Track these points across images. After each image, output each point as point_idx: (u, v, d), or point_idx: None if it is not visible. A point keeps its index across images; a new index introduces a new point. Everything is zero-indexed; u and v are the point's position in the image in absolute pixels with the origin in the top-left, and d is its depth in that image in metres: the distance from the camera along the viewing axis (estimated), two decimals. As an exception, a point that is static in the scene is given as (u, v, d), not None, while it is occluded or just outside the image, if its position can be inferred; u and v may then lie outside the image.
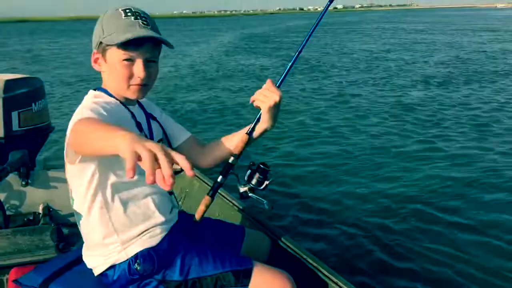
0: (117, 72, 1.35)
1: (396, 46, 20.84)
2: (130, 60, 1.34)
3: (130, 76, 1.36)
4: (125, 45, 1.31)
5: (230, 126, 7.04)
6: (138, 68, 1.35)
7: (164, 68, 13.89)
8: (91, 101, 1.35)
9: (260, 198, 1.56)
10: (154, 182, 0.81)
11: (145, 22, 1.34)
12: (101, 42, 1.35)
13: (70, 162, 1.32)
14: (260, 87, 1.45)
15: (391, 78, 11.74)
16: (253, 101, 1.46)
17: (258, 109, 1.47)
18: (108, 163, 1.33)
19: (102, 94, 1.41)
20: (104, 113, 1.26)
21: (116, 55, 1.33)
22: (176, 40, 28.81)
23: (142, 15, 1.36)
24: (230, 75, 13.00)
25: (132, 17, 1.34)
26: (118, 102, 1.41)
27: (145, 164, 0.81)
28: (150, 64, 1.38)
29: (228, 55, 18.77)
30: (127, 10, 1.35)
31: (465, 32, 28.70)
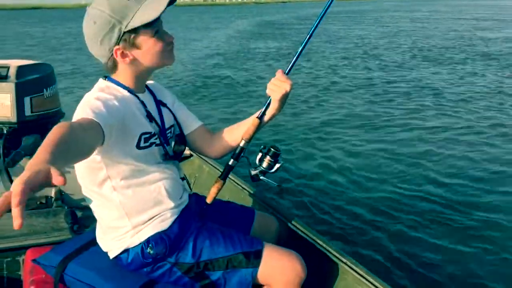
0: (155, 48, 1.36)
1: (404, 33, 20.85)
2: (157, 31, 1.36)
3: (166, 44, 1.38)
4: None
5: (245, 103, 7.43)
6: (166, 34, 1.39)
7: (186, 52, 14.92)
8: (95, 96, 1.31)
9: (271, 181, 1.59)
10: None
11: None
12: (124, 33, 1.31)
13: None
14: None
15: (406, 63, 11.76)
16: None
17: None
18: (116, 150, 1.33)
19: (111, 84, 1.40)
20: (104, 110, 1.24)
21: (147, 35, 1.33)
22: (196, 26, 30.13)
23: None
24: (250, 57, 13.63)
25: None
26: (126, 91, 1.41)
27: None
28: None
29: (245, 40, 19.54)
30: None
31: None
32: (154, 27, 1.34)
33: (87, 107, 1.23)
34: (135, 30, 1.32)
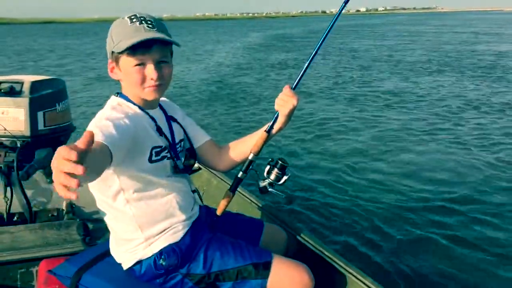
0: (131, 77, 1.40)
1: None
2: (142, 64, 1.38)
3: (144, 79, 1.40)
4: (133, 50, 1.35)
5: (254, 114, 7.65)
6: (150, 71, 1.38)
7: (200, 62, 15.92)
8: (106, 115, 1.35)
9: (279, 193, 1.62)
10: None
11: (150, 26, 1.37)
12: (112, 52, 1.40)
13: None
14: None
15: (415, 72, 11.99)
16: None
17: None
18: (129, 164, 1.37)
19: (123, 101, 1.46)
20: (114, 132, 1.26)
21: (127, 62, 1.38)
22: (209, 38, 32.30)
23: (147, 19, 1.39)
24: (261, 69, 14.26)
25: (137, 23, 1.37)
26: (137, 108, 1.46)
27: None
28: (161, 65, 1.41)
29: (257, 52, 20.60)
30: (132, 17, 1.39)
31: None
32: (137, 57, 1.37)
33: (97, 128, 1.26)
34: (121, 53, 1.38)
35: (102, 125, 1.28)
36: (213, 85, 11.04)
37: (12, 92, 2.52)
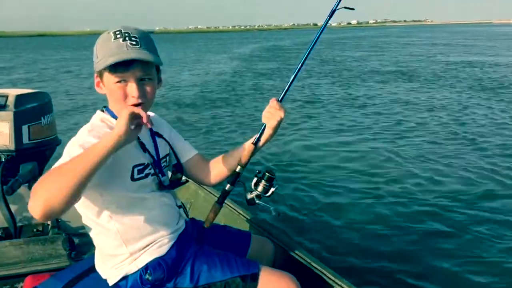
0: (113, 93, 1.38)
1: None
2: (124, 81, 1.37)
3: (125, 96, 1.38)
4: (114, 68, 1.33)
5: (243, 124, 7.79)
6: (131, 88, 1.37)
7: (192, 72, 16.69)
8: (82, 140, 1.32)
9: (267, 205, 1.62)
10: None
11: (133, 43, 1.35)
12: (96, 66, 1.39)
13: None
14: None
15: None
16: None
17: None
18: (110, 183, 1.37)
19: (107, 117, 1.45)
20: None
21: (110, 78, 1.37)
22: (208, 49, 34.21)
23: (131, 35, 1.36)
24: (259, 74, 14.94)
25: (121, 39, 1.35)
26: None
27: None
28: (143, 82, 1.39)
29: (251, 62, 21.51)
30: (117, 32, 1.36)
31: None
32: (118, 75, 1.36)
33: (74, 146, 1.27)
34: (103, 69, 1.36)
35: (81, 142, 1.29)
36: (203, 94, 11.27)
37: None
